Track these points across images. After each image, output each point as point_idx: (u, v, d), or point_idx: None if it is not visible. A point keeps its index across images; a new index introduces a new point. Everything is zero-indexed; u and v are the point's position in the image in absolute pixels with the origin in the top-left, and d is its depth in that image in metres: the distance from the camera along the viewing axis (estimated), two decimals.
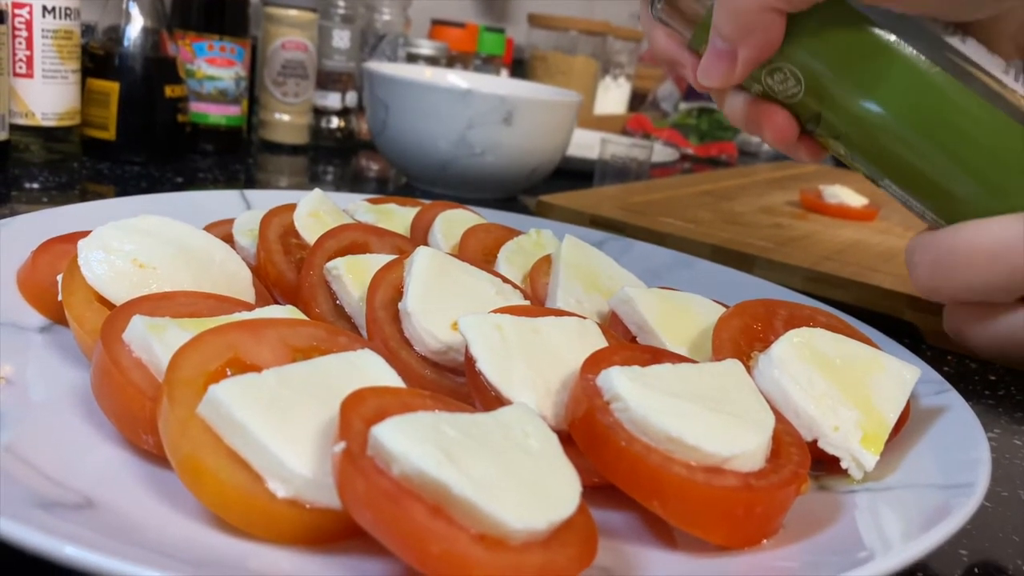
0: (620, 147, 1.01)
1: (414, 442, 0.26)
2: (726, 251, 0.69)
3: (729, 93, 0.45)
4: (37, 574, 0.26)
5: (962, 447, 0.37)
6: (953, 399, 0.41)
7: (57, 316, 0.41)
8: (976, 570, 0.34)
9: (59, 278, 0.39)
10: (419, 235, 0.53)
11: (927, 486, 0.35)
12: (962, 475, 0.34)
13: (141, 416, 0.31)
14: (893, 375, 0.38)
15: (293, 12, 0.97)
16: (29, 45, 0.74)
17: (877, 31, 0.40)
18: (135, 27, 0.81)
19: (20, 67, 0.74)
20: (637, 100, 1.72)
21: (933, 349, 0.61)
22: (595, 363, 0.34)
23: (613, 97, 1.64)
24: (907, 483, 0.35)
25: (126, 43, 0.80)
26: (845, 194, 0.94)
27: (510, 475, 0.26)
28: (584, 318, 0.39)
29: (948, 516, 0.30)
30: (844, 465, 0.35)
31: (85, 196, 0.71)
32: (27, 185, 0.71)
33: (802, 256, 0.70)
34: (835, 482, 0.36)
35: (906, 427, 0.39)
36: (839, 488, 0.36)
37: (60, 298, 0.38)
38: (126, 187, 0.76)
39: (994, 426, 0.49)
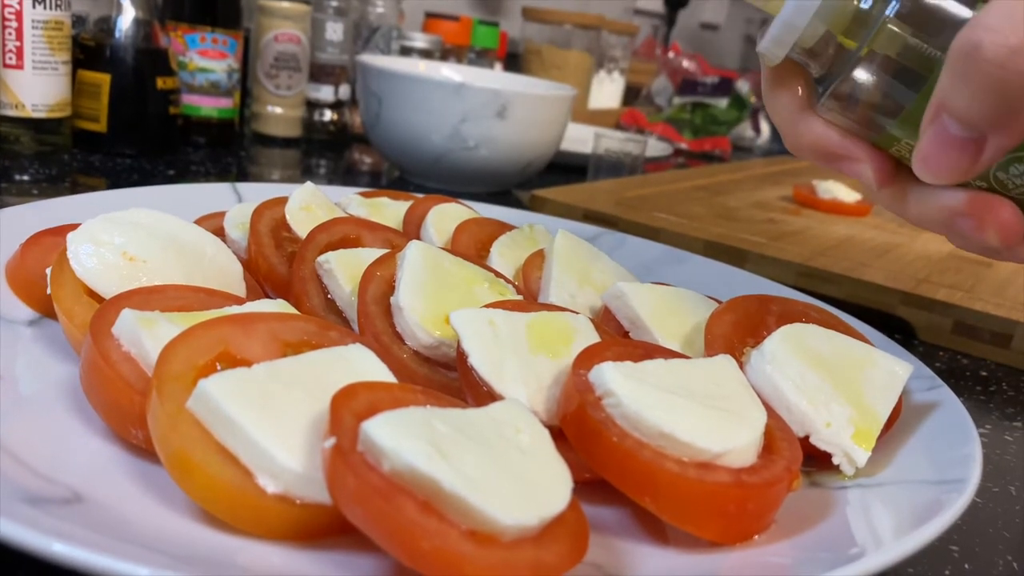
0: (614, 141, 1.01)
1: (405, 438, 0.25)
2: (719, 246, 0.69)
3: (922, 188, 0.34)
4: (30, 567, 0.26)
5: (954, 443, 0.37)
6: (945, 395, 0.41)
7: (46, 310, 0.40)
8: (966, 566, 0.35)
9: (48, 271, 0.39)
10: (412, 229, 0.53)
11: (919, 482, 0.35)
12: (953, 471, 0.34)
13: (130, 410, 0.31)
14: (885, 371, 0.38)
15: (286, 4, 0.97)
16: (19, 36, 0.73)
17: None
18: (126, 18, 0.80)
19: (10, 58, 0.74)
20: (631, 94, 1.72)
21: (925, 345, 0.61)
22: (587, 358, 0.34)
23: (607, 91, 1.63)
24: (898, 479, 0.35)
25: (117, 34, 0.80)
26: (838, 189, 0.94)
27: (501, 471, 0.26)
28: (577, 313, 0.39)
29: (939, 512, 0.30)
30: (836, 461, 0.35)
31: (76, 188, 0.71)
32: (17, 177, 0.70)
33: (795, 251, 0.70)
34: (827, 478, 0.36)
35: (898, 423, 0.39)
36: (831, 484, 0.36)
37: (49, 291, 0.38)
38: (117, 179, 0.75)
39: (985, 422, 0.49)
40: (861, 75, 0.33)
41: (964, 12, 0.30)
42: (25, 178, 0.70)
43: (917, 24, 0.31)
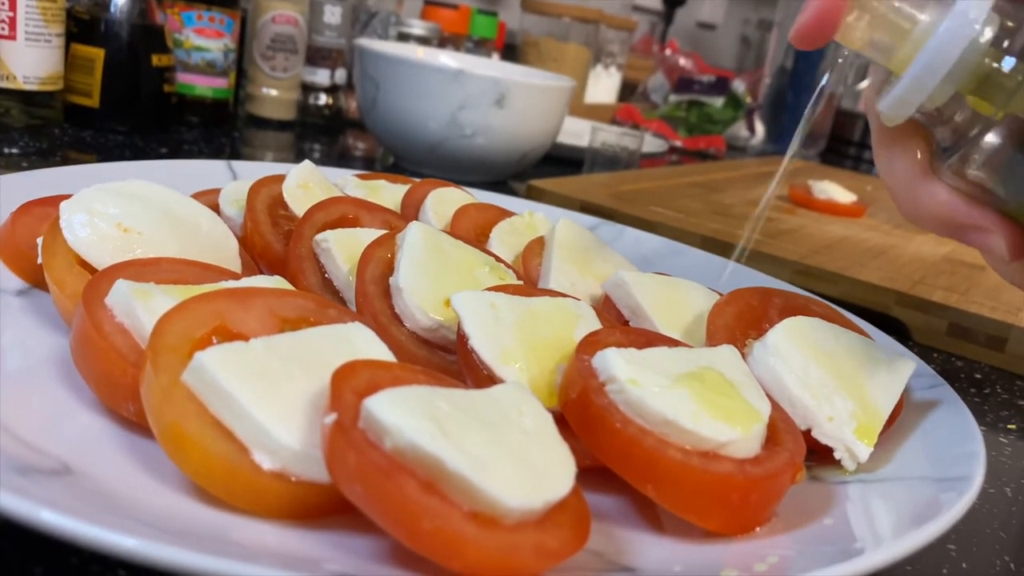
0: (611, 135, 1.00)
1: (408, 415, 0.25)
2: (715, 242, 0.69)
3: None
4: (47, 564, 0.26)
5: (955, 441, 0.37)
6: (946, 393, 0.41)
7: (36, 280, 0.39)
8: (964, 565, 0.34)
9: (39, 241, 0.38)
10: (410, 212, 0.53)
11: (920, 479, 0.34)
12: (955, 469, 0.34)
13: (123, 383, 0.30)
14: (887, 367, 0.38)
15: None
16: (12, 6, 0.72)
17: None
18: None
19: (2, 28, 0.72)
20: (627, 90, 1.71)
21: (919, 346, 0.61)
22: (591, 344, 0.34)
23: (604, 86, 1.63)
24: (900, 475, 0.35)
25: (113, 9, 0.79)
26: (834, 190, 0.94)
27: (505, 453, 0.26)
28: (579, 300, 0.39)
29: (943, 510, 0.30)
30: (837, 456, 0.35)
31: (66, 163, 0.69)
32: (6, 150, 0.69)
33: (791, 249, 0.70)
34: (828, 472, 0.36)
35: (899, 420, 0.39)
36: (832, 478, 0.35)
37: (40, 261, 0.37)
38: (109, 156, 0.74)
39: (979, 423, 0.48)
40: (995, 139, 0.30)
41: None
42: (15, 151, 0.69)
43: None
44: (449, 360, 0.37)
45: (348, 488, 0.25)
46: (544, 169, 1.00)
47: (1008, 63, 0.30)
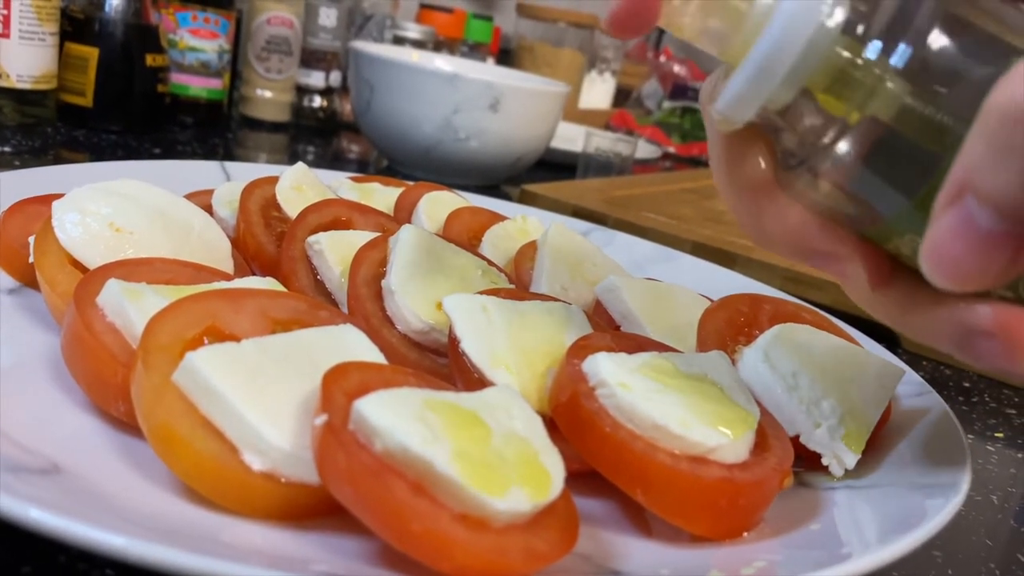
0: (605, 141, 1.00)
1: (398, 417, 0.25)
2: (707, 248, 0.69)
3: (929, 296, 0.26)
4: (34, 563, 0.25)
5: (942, 448, 0.37)
6: (934, 401, 0.41)
7: (27, 278, 0.39)
8: (950, 571, 0.35)
9: (31, 239, 0.38)
10: (403, 215, 0.53)
11: (907, 485, 0.35)
12: (942, 476, 0.34)
13: (113, 382, 0.30)
14: (876, 374, 0.38)
15: None
16: (6, 4, 0.72)
17: None
18: None
19: None
20: (621, 96, 1.72)
21: (908, 354, 0.61)
22: (581, 349, 0.34)
23: (598, 92, 1.63)
24: (887, 482, 0.35)
25: (107, 8, 0.79)
26: None
27: (494, 456, 0.26)
28: (570, 304, 0.39)
29: (929, 516, 0.30)
30: (825, 462, 0.35)
31: (59, 162, 0.69)
32: None
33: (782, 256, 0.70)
34: (816, 478, 0.36)
35: (887, 426, 0.39)
36: (819, 484, 0.36)
37: (32, 260, 0.37)
38: (101, 155, 0.74)
39: (967, 432, 0.49)
40: (851, 148, 0.25)
41: (997, 63, 0.23)
42: (7, 149, 0.69)
43: (930, 81, 0.24)
44: (440, 363, 0.37)
45: (338, 489, 0.25)
46: (538, 174, 1.00)
47: (873, 49, 0.24)
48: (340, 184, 0.55)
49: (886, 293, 0.27)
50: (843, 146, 0.25)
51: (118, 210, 0.38)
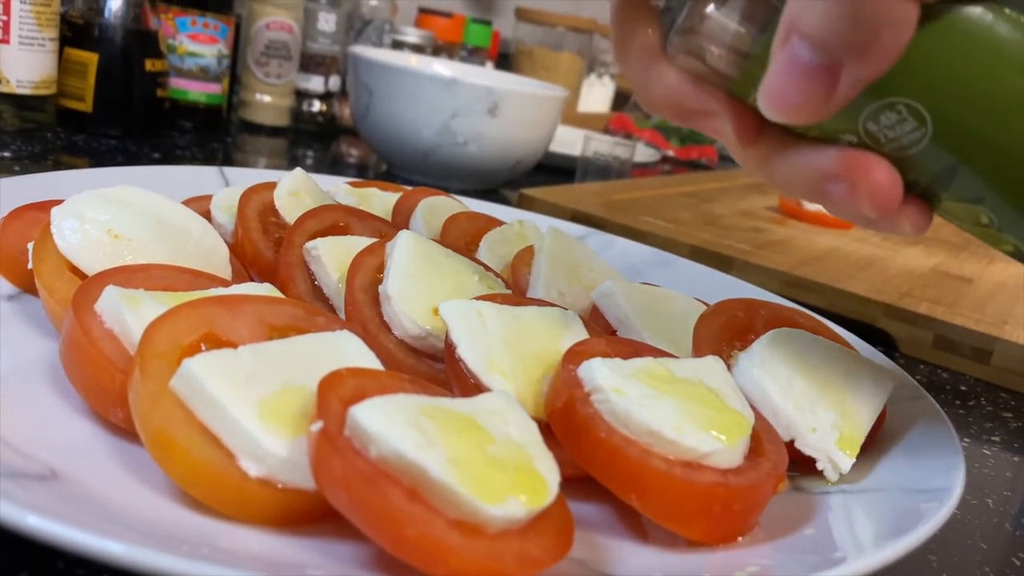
0: (603, 145, 1.01)
1: (394, 424, 0.25)
2: (705, 252, 0.69)
3: (789, 148, 0.30)
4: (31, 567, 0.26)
5: (937, 453, 0.37)
6: (928, 406, 0.41)
7: (26, 285, 0.40)
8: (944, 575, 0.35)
9: (30, 246, 0.38)
10: (401, 220, 0.53)
11: (901, 490, 0.35)
12: (936, 480, 0.34)
13: (111, 388, 0.30)
14: (871, 379, 0.38)
15: None
16: (6, 10, 0.72)
17: None
18: None
19: None
20: (620, 100, 1.72)
21: (906, 358, 0.61)
22: (577, 354, 0.34)
23: (597, 95, 1.64)
24: (882, 486, 0.35)
25: (106, 14, 0.79)
26: None
27: (490, 461, 0.26)
28: (566, 309, 0.39)
29: (923, 521, 0.30)
30: (820, 466, 0.35)
31: (58, 167, 0.70)
32: None
33: (779, 260, 0.70)
34: (810, 483, 0.36)
35: (882, 431, 0.39)
36: (814, 489, 0.36)
37: (30, 266, 0.37)
38: (101, 160, 0.74)
39: (963, 436, 0.49)
40: (708, 4, 0.28)
41: None
42: (7, 155, 0.69)
43: None
44: (437, 368, 0.37)
45: (333, 495, 0.25)
46: (536, 178, 1.00)
47: None
48: (338, 189, 0.55)
49: (755, 147, 0.30)
50: (709, 6, 0.28)
51: (116, 217, 0.39)
